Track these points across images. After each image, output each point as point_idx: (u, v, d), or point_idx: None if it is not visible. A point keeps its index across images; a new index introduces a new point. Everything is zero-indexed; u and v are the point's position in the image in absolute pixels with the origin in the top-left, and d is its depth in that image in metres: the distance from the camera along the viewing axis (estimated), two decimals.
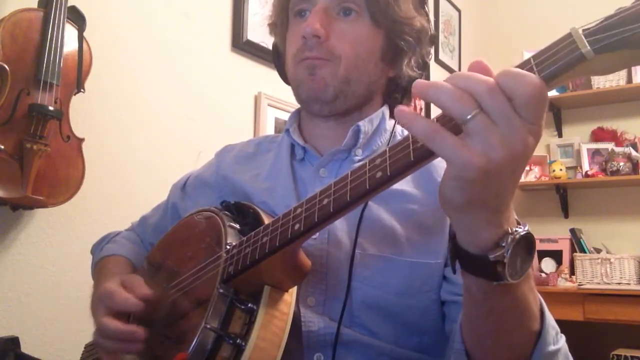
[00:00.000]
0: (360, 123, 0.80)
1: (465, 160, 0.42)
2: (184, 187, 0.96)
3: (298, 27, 0.80)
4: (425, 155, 0.46)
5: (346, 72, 0.77)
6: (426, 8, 0.84)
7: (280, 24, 0.86)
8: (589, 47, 0.42)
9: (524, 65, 0.45)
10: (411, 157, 0.47)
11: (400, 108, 0.44)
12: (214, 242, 0.72)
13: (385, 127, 0.84)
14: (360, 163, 0.54)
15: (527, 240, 0.48)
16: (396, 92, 0.86)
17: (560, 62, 0.43)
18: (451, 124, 0.44)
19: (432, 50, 0.86)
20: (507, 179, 0.44)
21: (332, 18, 0.77)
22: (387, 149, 0.51)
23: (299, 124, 0.88)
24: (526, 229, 0.48)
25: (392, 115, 0.86)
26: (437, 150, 0.43)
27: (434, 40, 0.85)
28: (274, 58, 0.91)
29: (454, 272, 0.52)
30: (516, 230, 0.47)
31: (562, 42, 0.43)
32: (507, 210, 0.48)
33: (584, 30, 0.43)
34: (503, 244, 0.47)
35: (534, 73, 0.43)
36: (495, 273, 0.47)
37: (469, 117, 0.42)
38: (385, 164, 0.50)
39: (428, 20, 0.83)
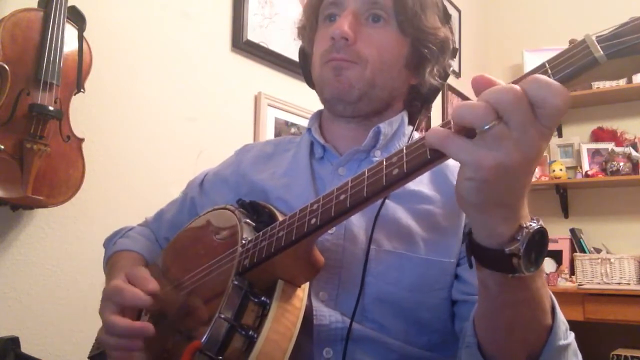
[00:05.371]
0: (381, 125, 0.83)
1: (478, 162, 0.44)
2: (202, 184, 0.97)
3: (327, 29, 0.82)
4: (441, 153, 0.48)
5: (372, 76, 0.79)
6: (450, 23, 0.87)
7: (309, 27, 0.89)
8: (601, 52, 0.44)
9: (539, 68, 0.47)
10: (427, 155, 0.49)
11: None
12: (229, 238, 0.73)
13: (404, 131, 0.87)
14: (377, 161, 0.56)
15: (541, 234, 0.50)
16: (417, 100, 0.88)
17: (573, 65, 0.45)
18: (466, 131, 0.46)
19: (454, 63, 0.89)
20: (521, 179, 0.47)
21: (360, 23, 0.80)
22: (404, 147, 0.52)
23: (320, 124, 0.90)
24: (540, 223, 0.50)
25: (410, 122, 0.89)
26: (449, 153, 0.46)
27: (456, 53, 0.88)
28: (301, 61, 0.94)
29: (471, 266, 0.54)
30: (530, 225, 0.49)
31: (576, 47, 0.46)
32: (522, 207, 0.50)
33: (597, 37, 0.46)
34: (518, 238, 0.48)
35: (549, 76, 0.45)
36: (510, 266, 0.49)
37: (486, 127, 0.44)
38: (402, 161, 0.51)
39: (452, 34, 0.86)
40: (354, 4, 0.80)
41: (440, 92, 0.89)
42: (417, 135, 0.88)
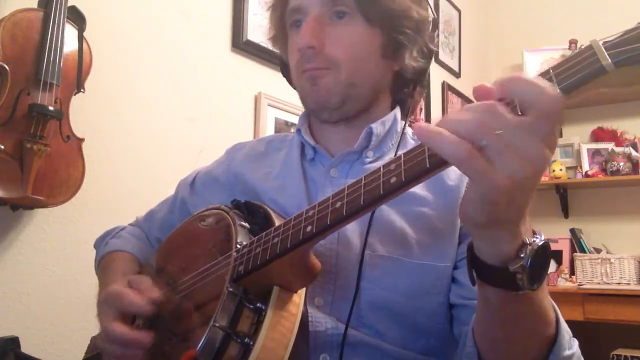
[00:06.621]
0: (373, 125, 0.80)
1: (492, 184, 0.42)
2: (192, 183, 0.95)
3: (295, 38, 0.80)
4: (441, 162, 0.46)
5: (348, 77, 0.76)
6: None
7: (279, 36, 0.86)
8: (609, 60, 0.42)
9: (543, 75, 0.44)
10: (427, 164, 0.47)
11: (418, 125, 0.44)
12: (223, 240, 0.72)
13: (397, 129, 0.84)
14: (374, 167, 0.54)
15: (545, 250, 0.48)
16: (404, 86, 0.85)
17: (580, 73, 0.43)
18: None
19: (437, 34, 0.83)
20: (527, 194, 0.45)
21: (325, 24, 0.76)
22: (402, 154, 0.50)
23: (310, 124, 0.88)
24: (542, 238, 0.48)
25: (402, 117, 0.86)
26: (467, 173, 0.43)
27: (437, 24, 0.83)
28: (281, 68, 0.91)
29: (473, 283, 0.52)
30: (534, 241, 0.48)
31: (583, 54, 0.43)
32: (525, 222, 0.48)
33: (604, 43, 0.43)
34: (522, 255, 0.47)
35: (554, 84, 0.43)
36: (514, 283, 0.48)
37: (483, 142, 0.41)
38: (400, 169, 0.49)
39: (427, 6, 0.81)
40: (315, 7, 0.77)
41: (441, 92, 0.87)
42: (409, 130, 0.86)
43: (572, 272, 3.02)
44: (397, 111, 0.85)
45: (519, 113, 0.42)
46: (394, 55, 0.80)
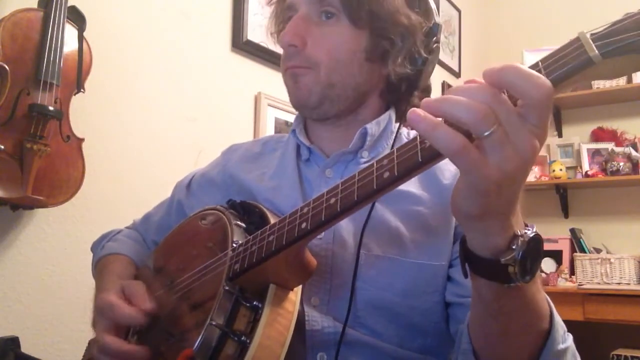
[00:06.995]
0: (368, 126, 0.80)
1: (483, 175, 0.42)
2: (189, 185, 0.95)
3: None
4: (433, 156, 0.46)
5: (327, 77, 0.76)
6: (428, 2, 0.80)
7: (277, 33, 0.86)
8: (596, 52, 0.42)
9: (532, 68, 0.44)
10: (419, 157, 0.47)
11: (413, 110, 0.43)
12: (219, 240, 0.72)
13: (392, 130, 0.84)
14: (368, 163, 0.54)
15: (536, 242, 0.48)
16: (394, 90, 0.83)
17: (567, 65, 0.43)
18: (462, 131, 0.43)
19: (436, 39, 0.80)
20: (518, 186, 0.45)
21: (312, 24, 0.76)
22: (395, 149, 0.50)
23: (305, 125, 0.88)
24: (534, 230, 0.49)
25: (397, 118, 0.85)
26: (459, 165, 0.43)
27: (435, 32, 0.80)
28: None
29: (466, 276, 0.52)
30: (525, 233, 0.48)
31: (570, 46, 0.44)
32: (516, 213, 0.48)
33: (591, 35, 0.43)
34: (514, 247, 0.47)
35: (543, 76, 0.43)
36: (506, 275, 0.48)
37: (487, 133, 0.41)
38: (392, 164, 0.50)
39: (426, 13, 0.79)
40: (304, 5, 0.77)
41: (441, 92, 0.85)
42: (405, 131, 0.85)
43: (572, 272, 3.02)
44: (392, 112, 0.84)
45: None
46: (382, 59, 0.79)
